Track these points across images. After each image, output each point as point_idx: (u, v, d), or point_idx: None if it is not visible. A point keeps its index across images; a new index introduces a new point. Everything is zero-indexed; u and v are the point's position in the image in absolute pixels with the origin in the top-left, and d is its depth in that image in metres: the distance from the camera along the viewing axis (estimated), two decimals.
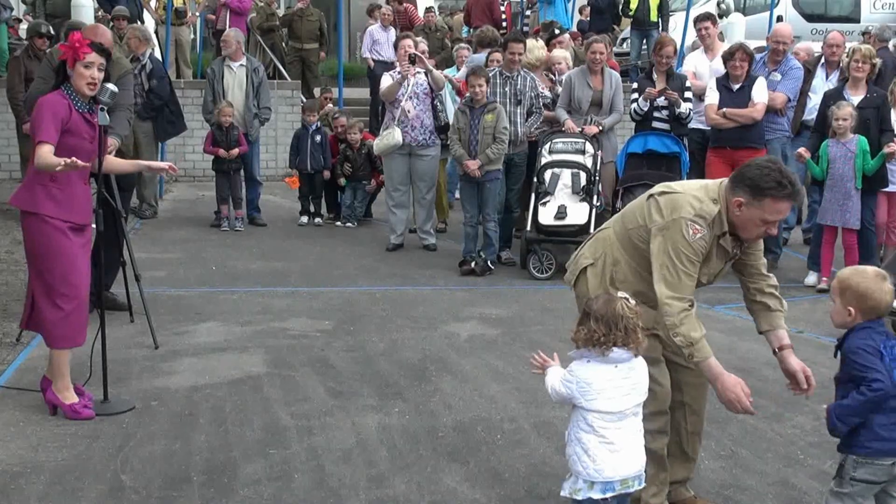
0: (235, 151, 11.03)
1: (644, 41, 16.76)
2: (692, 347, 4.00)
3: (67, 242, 5.42)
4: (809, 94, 10.14)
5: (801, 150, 8.93)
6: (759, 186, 3.94)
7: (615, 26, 18.08)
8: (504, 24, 16.71)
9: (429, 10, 18.00)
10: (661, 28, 16.58)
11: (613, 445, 3.69)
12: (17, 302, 7.54)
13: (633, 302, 3.77)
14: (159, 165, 6.38)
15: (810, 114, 10.00)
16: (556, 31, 12.05)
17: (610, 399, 3.69)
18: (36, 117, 5.35)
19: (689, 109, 9.38)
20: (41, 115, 5.33)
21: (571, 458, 3.77)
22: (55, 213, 5.37)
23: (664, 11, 17.01)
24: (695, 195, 4.09)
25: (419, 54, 10.10)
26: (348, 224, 11.58)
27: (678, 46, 11.54)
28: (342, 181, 11.62)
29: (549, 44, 11.27)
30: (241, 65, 11.39)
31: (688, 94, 9.46)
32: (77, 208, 5.47)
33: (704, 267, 4.16)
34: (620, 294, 3.81)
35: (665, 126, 9.40)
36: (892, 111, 8.79)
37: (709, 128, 9.39)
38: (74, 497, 4.53)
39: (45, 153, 5.23)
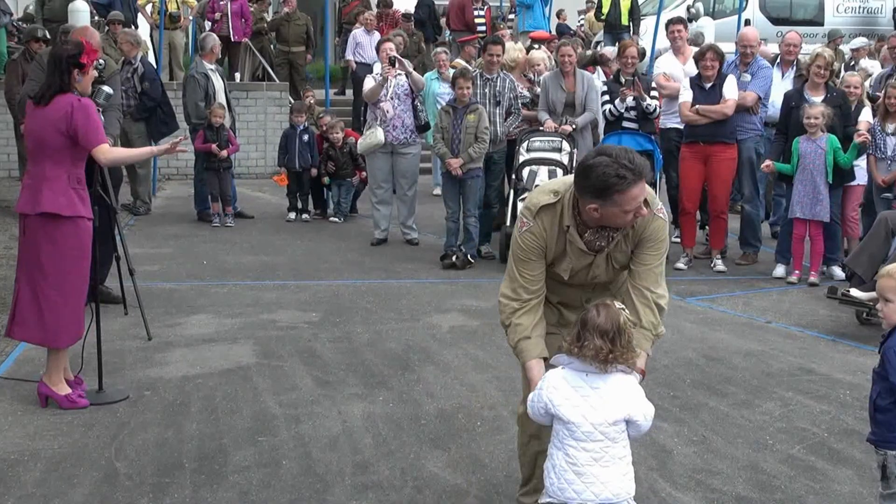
0: (225, 153, 11.23)
1: (616, 44, 16.89)
2: (515, 349, 3.96)
3: (90, 242, 5.58)
4: None
5: (766, 164, 9.13)
6: (602, 189, 3.60)
7: (437, 36, 18.38)
8: (483, 27, 16.84)
9: (405, 16, 18.16)
10: (632, 31, 16.69)
11: (577, 467, 3.47)
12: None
13: (627, 311, 3.60)
14: (165, 148, 5.94)
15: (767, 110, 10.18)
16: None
17: (576, 407, 3.47)
18: (93, 120, 5.43)
19: (656, 106, 9.58)
20: (96, 119, 5.46)
21: (544, 472, 3.63)
22: (87, 214, 5.49)
23: (635, 15, 17.10)
24: (541, 189, 3.97)
25: (399, 57, 10.26)
26: (337, 219, 11.73)
27: (643, 48, 11.68)
28: (325, 179, 11.78)
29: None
30: (214, 68, 11.63)
31: (653, 93, 9.64)
32: (90, 206, 5.61)
33: (561, 262, 3.91)
34: (618, 305, 3.58)
35: (634, 125, 9.55)
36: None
37: (683, 125, 9.58)
38: (70, 484, 4.60)
39: (111, 149, 5.49)
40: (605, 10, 17.11)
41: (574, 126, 9.56)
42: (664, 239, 3.91)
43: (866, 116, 9.02)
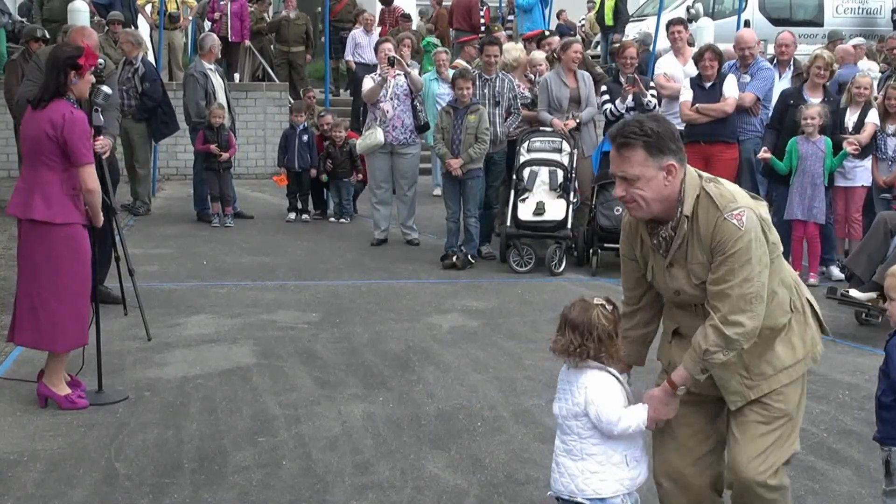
0: (226, 155, 11.24)
1: (607, 43, 17.05)
2: None
3: (87, 245, 5.58)
4: None
5: (763, 151, 9.09)
6: None
7: None
8: (483, 28, 16.86)
9: (404, 16, 18.17)
10: (615, 30, 16.77)
11: (556, 456, 3.53)
12: (13, 296, 7.59)
13: (610, 307, 3.47)
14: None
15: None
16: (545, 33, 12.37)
17: (557, 400, 3.55)
18: (82, 137, 5.41)
19: (655, 103, 9.63)
20: (84, 136, 5.42)
21: None
22: (81, 220, 5.50)
23: (620, 15, 17.16)
24: None
25: (398, 56, 10.27)
26: (345, 220, 11.74)
27: (640, 49, 11.71)
28: (323, 177, 11.79)
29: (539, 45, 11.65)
30: (214, 68, 11.63)
31: (651, 92, 9.70)
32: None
33: (651, 258, 3.59)
34: (597, 300, 3.47)
35: None
36: (847, 112, 9.05)
37: (683, 125, 9.59)
38: (70, 485, 4.62)
39: (93, 179, 5.46)
40: (596, 9, 17.24)
41: (578, 120, 9.59)
42: (737, 252, 3.26)
43: (873, 118, 8.99)
